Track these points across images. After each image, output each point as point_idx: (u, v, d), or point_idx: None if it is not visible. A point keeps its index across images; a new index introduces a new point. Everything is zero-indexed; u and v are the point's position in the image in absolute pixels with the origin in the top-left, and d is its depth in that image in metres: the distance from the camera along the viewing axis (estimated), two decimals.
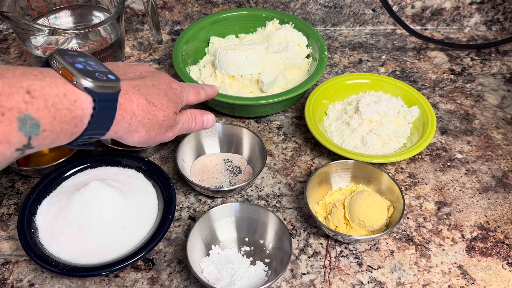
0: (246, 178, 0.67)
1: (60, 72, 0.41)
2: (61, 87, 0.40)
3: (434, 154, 0.72)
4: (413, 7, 0.93)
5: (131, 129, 0.47)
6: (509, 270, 0.58)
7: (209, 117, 0.60)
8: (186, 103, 0.59)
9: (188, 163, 0.68)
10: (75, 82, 0.40)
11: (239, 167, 0.69)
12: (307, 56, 0.82)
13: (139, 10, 0.92)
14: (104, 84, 0.42)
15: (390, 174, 0.67)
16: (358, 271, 0.58)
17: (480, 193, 0.67)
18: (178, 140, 0.73)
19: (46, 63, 0.42)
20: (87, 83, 0.41)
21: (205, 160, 0.69)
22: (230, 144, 0.70)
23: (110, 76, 0.44)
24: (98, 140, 0.69)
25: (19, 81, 0.37)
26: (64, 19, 0.81)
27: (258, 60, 0.75)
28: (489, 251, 0.60)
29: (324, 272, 0.58)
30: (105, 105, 0.43)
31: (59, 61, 0.41)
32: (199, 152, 0.70)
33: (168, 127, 0.53)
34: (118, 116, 0.45)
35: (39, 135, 0.38)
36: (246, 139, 0.69)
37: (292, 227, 0.62)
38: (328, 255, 0.59)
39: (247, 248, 0.59)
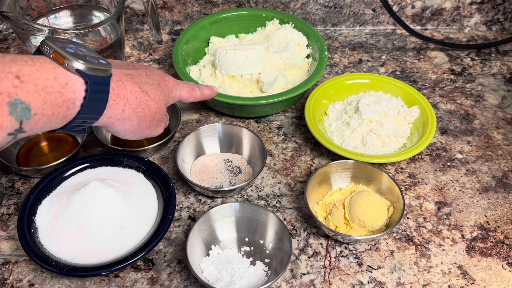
0: (246, 178, 0.67)
1: (52, 56, 0.41)
2: (51, 71, 0.40)
3: (434, 154, 0.72)
4: (413, 7, 0.93)
5: (124, 116, 0.48)
6: (509, 270, 0.58)
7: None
8: (179, 99, 0.59)
9: (188, 163, 0.68)
10: (66, 65, 0.41)
11: (239, 167, 0.69)
12: (307, 56, 0.82)
13: (139, 10, 0.92)
14: (95, 66, 0.43)
15: (390, 174, 0.67)
16: (358, 271, 0.58)
17: (480, 193, 0.67)
18: (178, 140, 0.73)
19: (37, 52, 0.43)
20: (79, 64, 0.41)
21: (205, 160, 0.69)
22: (230, 144, 0.70)
23: (101, 60, 0.45)
24: (98, 140, 0.69)
25: (8, 67, 0.37)
26: (64, 19, 0.81)
27: (258, 60, 0.75)
28: (489, 251, 0.60)
29: (324, 272, 0.58)
30: (97, 88, 0.43)
31: (50, 46, 0.42)
32: (199, 152, 0.70)
33: (159, 120, 0.53)
34: (112, 101, 0.45)
35: (30, 119, 0.38)
36: (246, 139, 0.69)
37: (292, 227, 0.62)
38: (328, 255, 0.59)
39: (247, 248, 0.59)
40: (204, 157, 0.70)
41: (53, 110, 0.40)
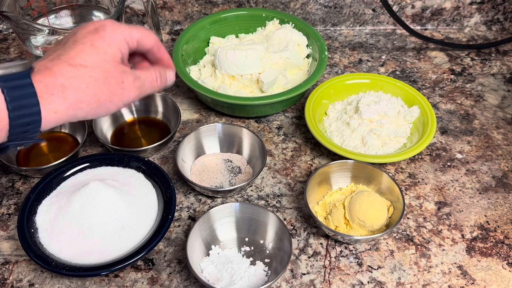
0: (246, 178, 0.67)
1: None
2: None
3: (434, 154, 0.72)
4: (413, 7, 0.93)
5: (72, 101, 0.43)
6: (509, 270, 0.58)
7: (171, 73, 0.52)
8: (134, 43, 0.48)
9: (188, 163, 0.68)
10: None
11: (239, 167, 0.69)
12: (307, 56, 0.82)
13: (139, 10, 0.92)
14: (6, 65, 0.41)
15: (390, 174, 0.67)
16: (358, 271, 0.58)
17: (480, 193, 0.67)
18: (178, 140, 0.73)
19: None
20: None
21: (205, 160, 0.69)
22: (230, 144, 0.70)
23: (16, 61, 0.43)
24: (98, 140, 0.69)
25: None
26: (64, 19, 0.81)
27: (258, 60, 0.75)
28: (489, 251, 0.60)
29: (324, 272, 0.58)
30: (15, 84, 0.40)
31: None
32: (199, 152, 0.70)
33: (119, 82, 0.46)
34: (44, 94, 0.41)
35: None
36: (246, 139, 0.69)
37: (292, 227, 0.62)
38: (328, 255, 0.59)
39: (247, 248, 0.59)
40: (204, 157, 0.70)
41: None
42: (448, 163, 0.71)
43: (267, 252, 0.58)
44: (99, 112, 0.46)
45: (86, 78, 0.43)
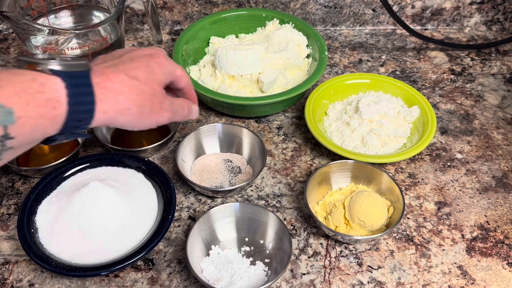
0: (246, 178, 0.67)
1: (25, 67, 0.42)
2: (28, 74, 0.40)
3: (434, 154, 0.72)
4: (413, 7, 0.93)
5: (122, 107, 0.46)
6: (509, 270, 0.58)
7: (195, 107, 0.57)
8: (173, 73, 0.54)
9: (188, 163, 0.68)
10: (40, 69, 0.41)
11: (239, 167, 0.69)
12: (307, 56, 0.82)
13: (139, 10, 0.92)
14: (69, 63, 0.43)
15: (390, 174, 0.67)
16: (358, 271, 0.58)
17: (480, 193, 0.67)
18: (178, 140, 0.73)
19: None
20: (51, 65, 0.42)
21: (205, 160, 0.69)
22: (230, 144, 0.70)
23: (76, 60, 0.45)
24: (98, 140, 0.69)
25: None
26: (64, 19, 0.81)
27: (258, 60, 0.75)
28: (489, 251, 0.60)
29: (324, 272, 0.58)
30: (77, 82, 0.43)
31: (22, 60, 0.43)
32: (199, 152, 0.70)
33: (160, 103, 0.51)
34: (100, 94, 0.44)
35: (14, 122, 0.38)
36: (246, 139, 0.69)
37: (292, 227, 0.62)
38: (328, 255, 0.59)
39: (247, 248, 0.59)
40: (204, 157, 0.70)
41: (38, 111, 0.39)
42: (448, 163, 0.71)
43: (267, 252, 0.58)
44: (137, 123, 0.50)
45: (137, 90, 0.48)
